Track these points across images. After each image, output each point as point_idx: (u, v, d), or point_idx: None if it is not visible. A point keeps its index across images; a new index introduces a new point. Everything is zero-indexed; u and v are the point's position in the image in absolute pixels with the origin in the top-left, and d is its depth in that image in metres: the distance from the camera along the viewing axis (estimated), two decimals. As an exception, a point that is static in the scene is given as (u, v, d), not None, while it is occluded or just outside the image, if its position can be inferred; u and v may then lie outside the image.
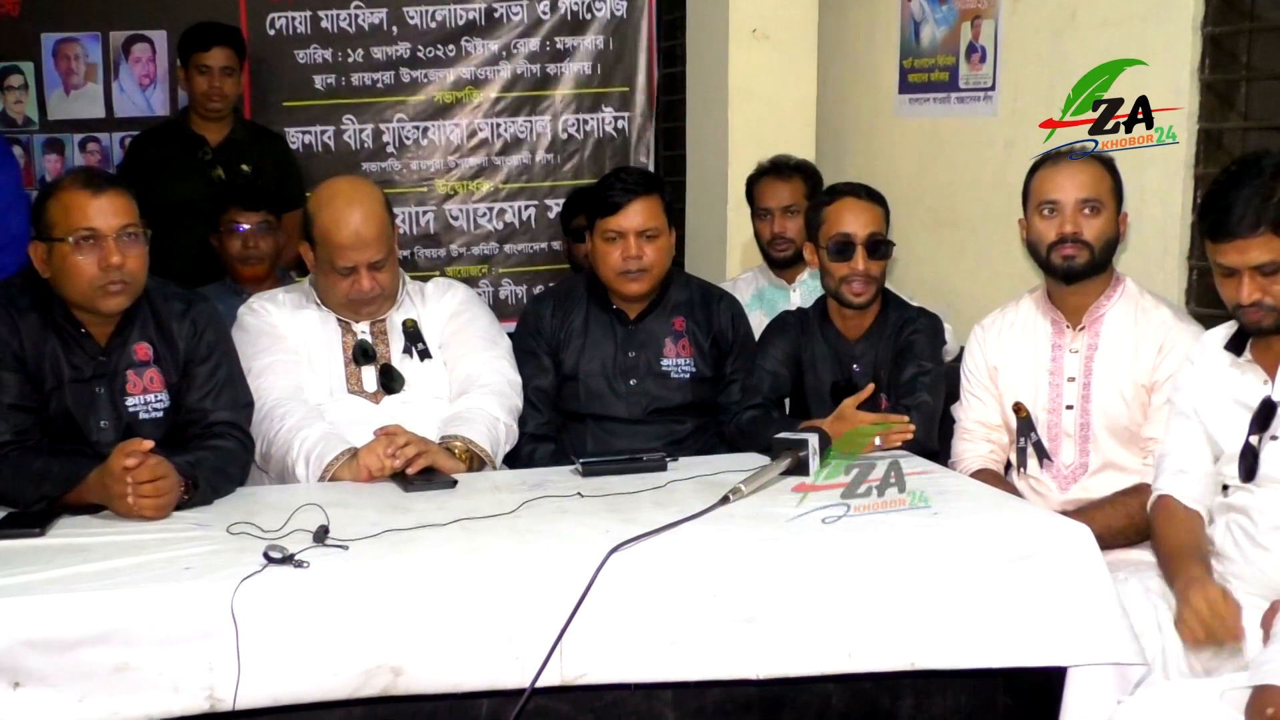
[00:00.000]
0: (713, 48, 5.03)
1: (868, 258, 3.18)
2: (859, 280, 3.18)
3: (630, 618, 2.21)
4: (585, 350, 3.35)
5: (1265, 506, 2.48)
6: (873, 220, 3.21)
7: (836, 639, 2.28)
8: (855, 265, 3.17)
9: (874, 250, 3.19)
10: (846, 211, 3.22)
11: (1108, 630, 2.34)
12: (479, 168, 5.10)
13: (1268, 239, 2.40)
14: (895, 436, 2.88)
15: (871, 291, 3.20)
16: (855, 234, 3.19)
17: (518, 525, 2.44)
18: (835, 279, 3.21)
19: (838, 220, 3.22)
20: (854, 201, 3.24)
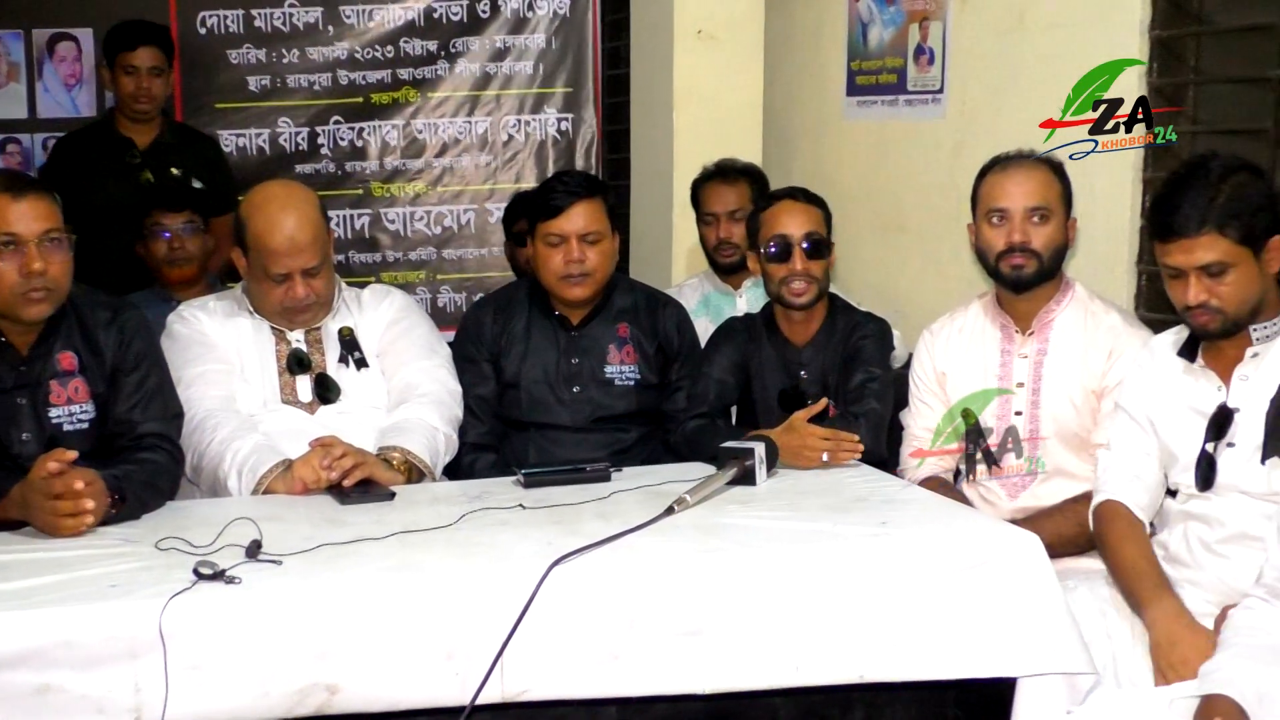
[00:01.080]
0: (657, 49, 5.04)
1: (806, 258, 3.19)
2: (799, 280, 3.20)
3: (573, 632, 2.21)
4: (527, 357, 3.34)
5: (1223, 515, 2.52)
6: (810, 220, 3.24)
7: (784, 652, 2.28)
8: (794, 265, 3.19)
9: (812, 250, 3.20)
10: (783, 213, 3.25)
11: (1057, 640, 2.36)
12: (417, 171, 5.09)
13: (1213, 239, 2.43)
14: (844, 455, 2.90)
15: (813, 292, 3.22)
16: (792, 234, 3.21)
17: (457, 538, 2.43)
18: (775, 282, 3.23)
19: (775, 223, 3.25)
20: (790, 203, 3.27)
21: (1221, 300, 2.47)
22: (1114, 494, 2.67)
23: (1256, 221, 2.44)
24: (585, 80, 5.15)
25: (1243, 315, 2.48)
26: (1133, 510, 2.64)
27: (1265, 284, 2.47)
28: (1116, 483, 2.67)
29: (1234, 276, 2.45)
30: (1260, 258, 2.46)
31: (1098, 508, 2.69)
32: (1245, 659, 2.15)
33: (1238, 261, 2.44)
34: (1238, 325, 2.49)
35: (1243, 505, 2.49)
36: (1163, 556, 2.62)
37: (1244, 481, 2.48)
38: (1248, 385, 2.50)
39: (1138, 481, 2.66)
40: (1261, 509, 2.44)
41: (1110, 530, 2.64)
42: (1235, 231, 2.43)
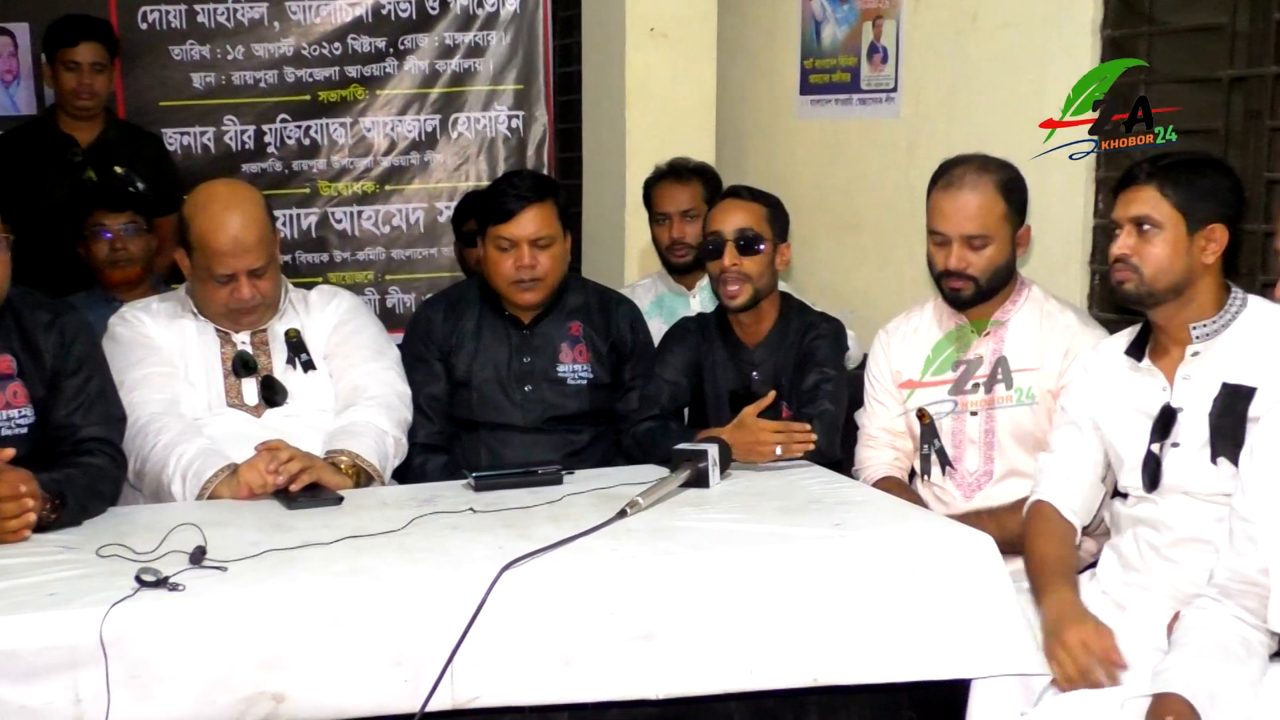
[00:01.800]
0: (609, 46, 5.04)
1: (736, 253, 3.19)
2: (731, 278, 3.20)
3: (524, 637, 2.20)
4: (478, 355, 3.33)
5: (1170, 519, 2.55)
6: (745, 217, 3.23)
7: (738, 655, 2.29)
8: (723, 262, 3.20)
9: (743, 246, 3.20)
10: (718, 212, 3.27)
11: (1011, 641, 2.38)
12: (366, 169, 5.06)
13: (1153, 194, 2.50)
14: (796, 446, 2.90)
15: (747, 291, 3.21)
16: (723, 230, 3.21)
17: (407, 543, 2.42)
18: (713, 279, 3.25)
19: (710, 222, 3.27)
20: (730, 202, 3.28)
21: (1142, 259, 2.51)
22: (1045, 495, 2.70)
23: (1201, 200, 2.50)
24: (536, 78, 5.14)
25: (1157, 286, 2.51)
26: (1061, 511, 2.67)
27: (1192, 268, 2.50)
28: (1049, 484, 2.71)
29: (1161, 240, 2.49)
30: (1193, 236, 2.49)
31: (1029, 507, 2.73)
32: (1197, 658, 2.17)
33: (1168, 226, 2.49)
34: (1152, 295, 2.52)
35: (1190, 508, 2.52)
36: (1117, 561, 2.65)
37: (1189, 482, 2.51)
38: (1190, 385, 2.54)
39: (1070, 484, 2.69)
40: (1209, 512, 2.47)
41: (1031, 527, 2.68)
42: (1175, 195, 2.49)
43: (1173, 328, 2.56)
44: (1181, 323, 2.54)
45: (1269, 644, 2.21)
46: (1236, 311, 2.54)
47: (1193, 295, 2.52)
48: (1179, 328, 2.55)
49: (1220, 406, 2.48)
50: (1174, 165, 2.52)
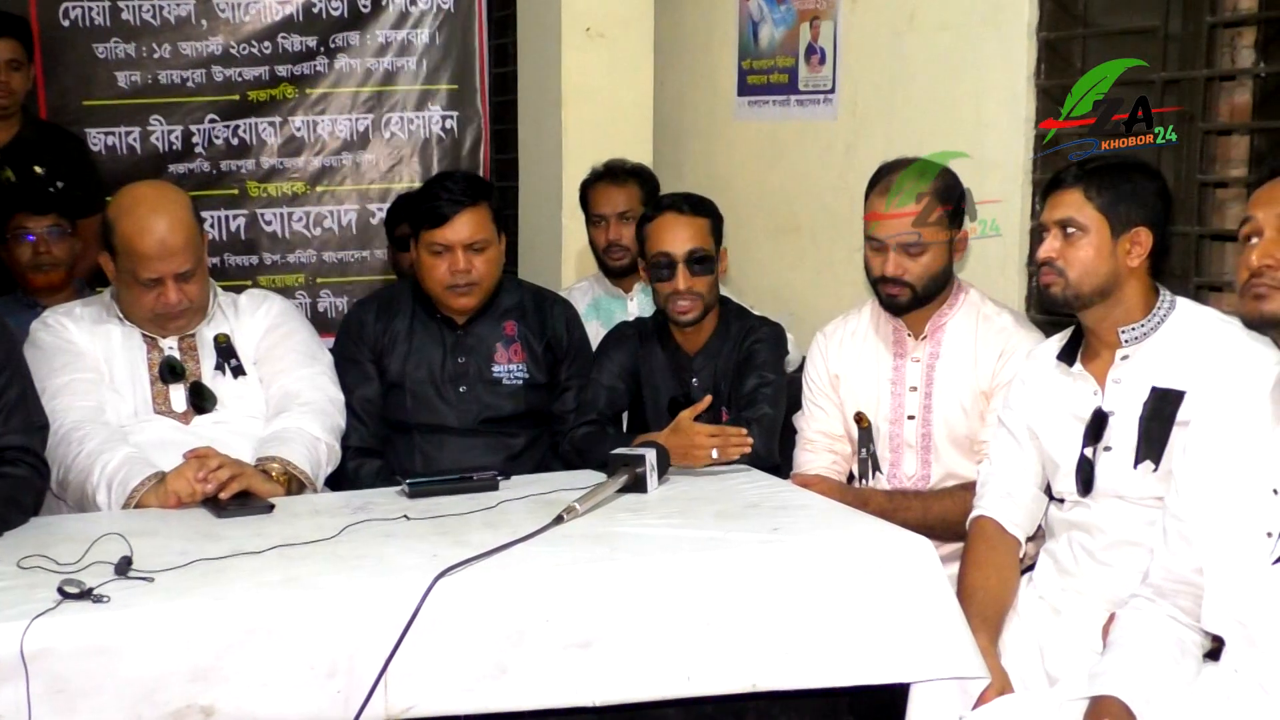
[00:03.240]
0: (545, 46, 5.04)
1: (689, 275, 3.21)
2: (683, 299, 3.22)
3: (460, 646, 2.20)
4: (411, 356, 3.33)
5: (1103, 523, 2.59)
6: (693, 235, 3.24)
7: (676, 662, 2.30)
8: (676, 284, 3.21)
9: (694, 267, 3.22)
10: (665, 230, 3.25)
11: (950, 645, 2.40)
12: (296, 170, 5.02)
13: (1078, 197, 2.55)
14: (733, 450, 2.92)
15: (699, 308, 3.24)
16: (673, 253, 3.22)
17: (339, 551, 2.41)
18: (661, 297, 3.26)
19: (657, 239, 3.25)
20: (673, 217, 3.26)
21: (1067, 263, 2.56)
22: (988, 510, 2.74)
23: (1125, 203, 2.55)
24: (471, 77, 5.13)
25: (1083, 290, 2.56)
26: (1005, 526, 2.71)
27: (1117, 271, 2.55)
28: (991, 499, 2.75)
29: (1085, 243, 2.54)
30: (1118, 239, 2.54)
31: (971, 523, 2.77)
32: (1132, 660, 2.21)
33: (1093, 229, 2.54)
34: (1078, 298, 2.56)
35: (1122, 511, 2.56)
36: (1052, 566, 2.70)
37: (1121, 486, 2.56)
38: (1121, 388, 2.58)
39: (1012, 498, 2.73)
40: (1142, 515, 2.52)
41: (972, 549, 2.72)
42: (1100, 199, 2.54)
43: (1102, 331, 2.61)
44: (1111, 326, 2.59)
45: (1203, 644, 2.25)
46: (1165, 314, 2.59)
47: (1120, 298, 2.57)
48: (1108, 331, 2.60)
49: (1149, 410, 2.53)
50: (1100, 169, 2.57)
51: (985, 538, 2.72)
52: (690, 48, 4.80)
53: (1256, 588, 2.09)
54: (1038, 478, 2.74)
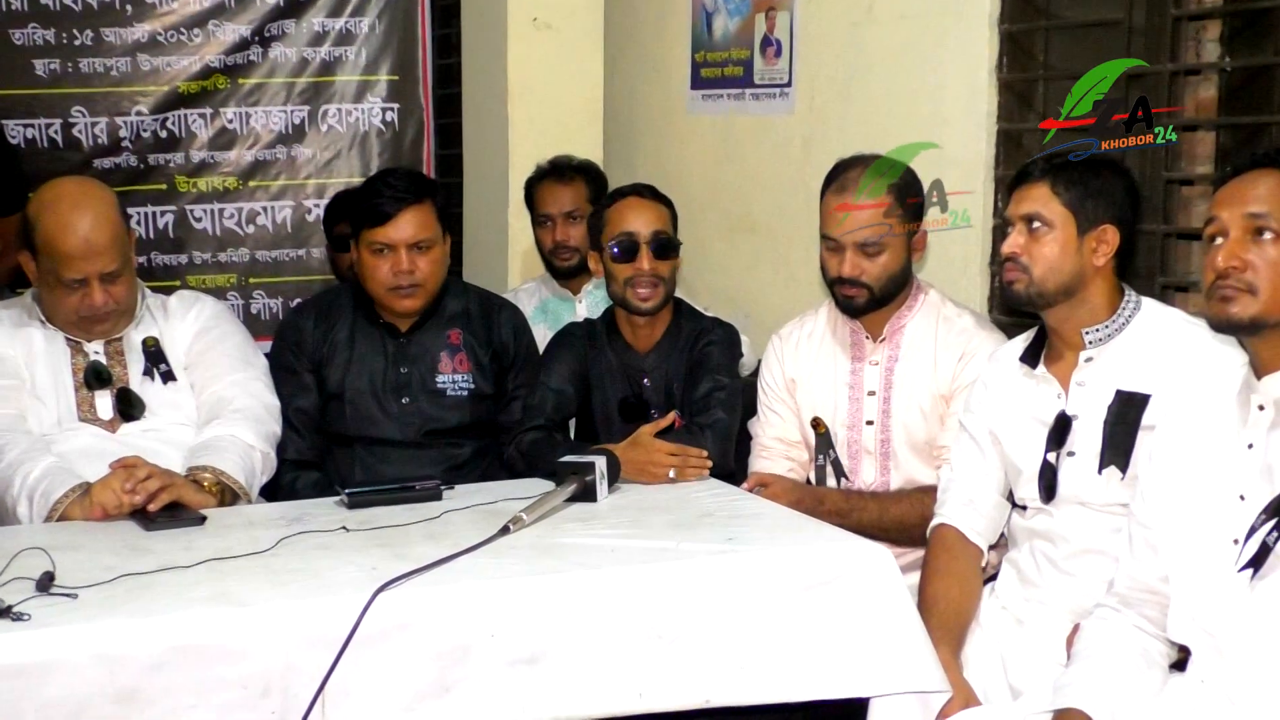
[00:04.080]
0: (490, 37, 5.04)
1: (653, 257, 3.22)
2: (645, 281, 3.22)
3: (400, 663, 2.20)
4: (351, 366, 3.31)
5: (1066, 531, 2.62)
6: (657, 219, 3.26)
7: (627, 677, 2.30)
8: (640, 265, 3.22)
9: (660, 250, 3.23)
10: (629, 210, 3.27)
11: (910, 657, 2.42)
12: (228, 164, 4.98)
13: (1044, 192, 2.58)
14: (690, 472, 2.93)
15: (660, 295, 3.25)
16: (639, 232, 3.23)
17: (274, 565, 2.40)
18: (620, 283, 3.25)
19: (620, 220, 3.26)
20: (637, 200, 3.29)
21: (1031, 259, 2.58)
22: (949, 518, 2.77)
23: (1093, 200, 2.57)
24: (413, 68, 5.10)
25: (1047, 287, 2.58)
26: (966, 535, 2.74)
27: (1083, 269, 2.58)
28: (953, 506, 2.77)
29: (1051, 239, 2.57)
30: (1084, 236, 2.57)
31: (932, 531, 2.79)
32: (1097, 672, 2.24)
33: (1058, 225, 2.57)
34: (1041, 296, 2.59)
35: (1086, 519, 2.59)
36: (1015, 576, 2.72)
37: (1085, 492, 2.59)
38: (1085, 391, 2.61)
39: (973, 505, 2.76)
40: (1105, 522, 2.55)
41: (933, 559, 2.75)
42: (1067, 194, 2.57)
43: (1066, 331, 2.63)
44: (1075, 326, 2.62)
45: (1168, 654, 2.29)
46: (1130, 315, 2.62)
47: (1085, 297, 2.60)
48: (1072, 331, 2.62)
49: (1114, 414, 2.55)
50: (1068, 164, 2.60)
51: (947, 547, 2.74)
52: (641, 39, 4.81)
53: (1223, 596, 2.12)
54: (1000, 484, 2.76)
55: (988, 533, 2.76)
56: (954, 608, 2.65)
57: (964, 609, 2.67)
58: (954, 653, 2.57)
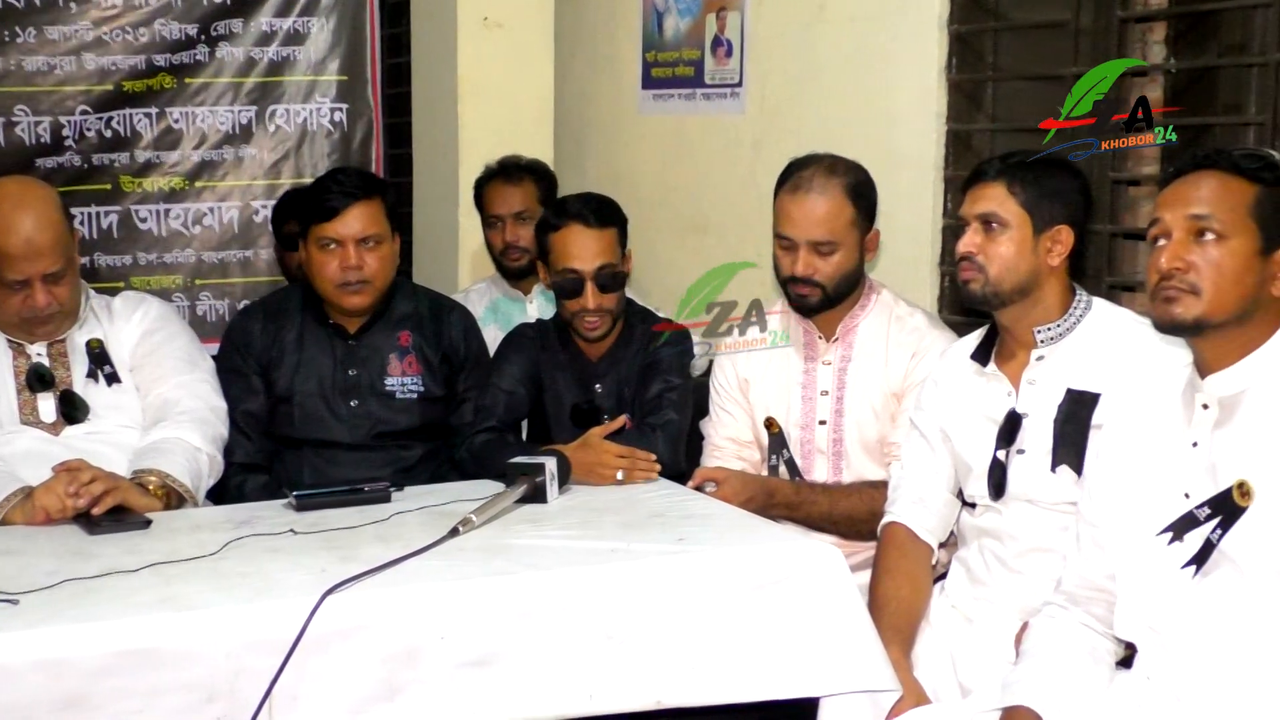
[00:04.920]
0: (440, 36, 5.03)
1: (599, 292, 3.23)
2: (591, 316, 3.24)
3: (349, 666, 2.19)
4: (300, 368, 3.31)
5: (1015, 529, 2.64)
6: (601, 250, 3.24)
7: (577, 679, 2.31)
8: (585, 303, 3.23)
9: (604, 285, 3.24)
10: (572, 244, 3.23)
11: (860, 657, 2.44)
12: (174, 164, 4.93)
13: (1001, 191, 2.60)
14: (639, 475, 2.94)
15: (606, 323, 3.26)
16: (581, 270, 3.22)
17: (221, 568, 2.39)
18: (567, 314, 3.27)
19: (564, 253, 3.24)
20: (581, 230, 3.24)
21: (987, 258, 2.60)
22: (899, 516, 2.79)
23: (1048, 200, 2.60)
24: (362, 68, 5.08)
25: (1002, 287, 2.60)
26: (917, 533, 2.76)
27: (1038, 269, 2.60)
28: (903, 504, 2.80)
29: (1007, 239, 2.59)
30: (1039, 236, 2.60)
31: (883, 529, 2.81)
32: (1045, 669, 2.26)
33: (1015, 225, 2.59)
34: (997, 296, 2.61)
35: (1035, 517, 2.62)
36: (964, 574, 2.75)
37: (1034, 490, 2.61)
38: (1035, 390, 2.64)
39: (924, 503, 2.78)
40: (1054, 521, 2.57)
41: (883, 557, 2.77)
42: (1023, 194, 2.59)
43: (1019, 330, 2.66)
44: (1027, 325, 2.64)
45: (1115, 651, 2.31)
46: (1081, 314, 2.65)
47: (1039, 297, 2.62)
48: (1025, 330, 2.65)
49: (1064, 413, 2.58)
50: (1023, 163, 2.62)
51: (897, 545, 2.76)
52: (592, 39, 4.82)
53: (1168, 593, 2.15)
54: (950, 482, 2.78)
55: (938, 530, 2.78)
56: (904, 607, 2.67)
57: (914, 608, 2.69)
58: (904, 652, 2.59)
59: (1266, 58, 2.92)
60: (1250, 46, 2.98)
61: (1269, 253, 2.11)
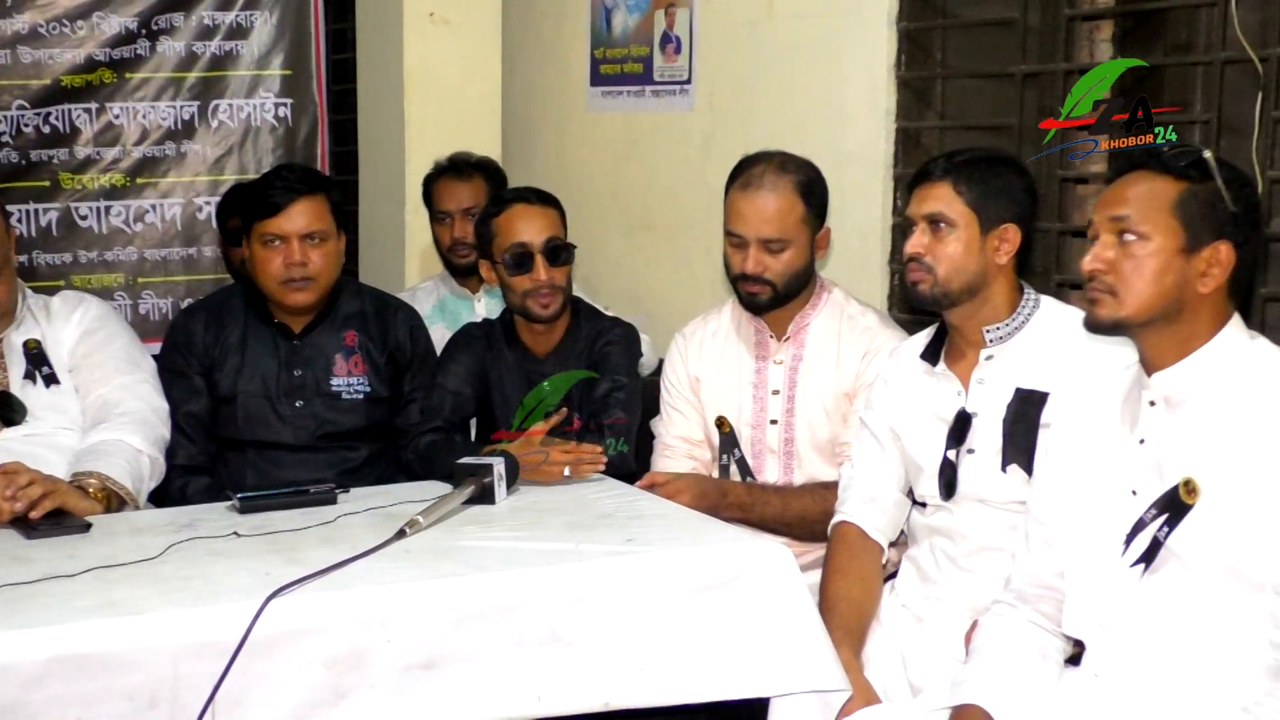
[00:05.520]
0: (386, 32, 5.01)
1: (549, 265, 3.23)
2: (544, 291, 3.23)
3: (294, 671, 2.18)
4: (244, 369, 3.29)
5: (965, 528, 2.67)
6: (548, 225, 3.27)
7: (525, 682, 2.30)
8: (537, 276, 3.22)
9: (554, 256, 3.24)
10: (518, 219, 3.26)
11: (810, 657, 2.45)
12: (115, 160, 4.90)
13: (947, 191, 2.61)
14: (586, 468, 2.94)
15: (559, 301, 3.25)
16: (531, 242, 3.23)
17: (163, 572, 2.36)
18: (518, 294, 3.25)
19: (510, 230, 3.26)
20: (524, 208, 3.28)
21: (935, 259, 2.62)
22: (849, 515, 2.80)
23: (994, 198, 2.62)
24: (306, 63, 5.06)
25: (951, 287, 2.62)
26: (867, 532, 2.78)
27: (986, 268, 2.62)
28: (854, 504, 2.81)
29: (954, 239, 2.61)
30: (987, 235, 2.62)
31: (833, 529, 2.83)
32: (994, 668, 2.28)
33: (962, 224, 2.61)
34: (946, 296, 2.63)
35: (985, 517, 2.64)
36: (915, 573, 2.77)
37: (984, 489, 2.64)
38: (985, 389, 2.66)
39: (874, 503, 2.79)
40: (1004, 520, 2.60)
41: (833, 557, 2.78)
42: (969, 193, 2.61)
43: (968, 329, 2.68)
44: (976, 325, 2.66)
45: (1064, 649, 2.33)
46: (1030, 313, 2.67)
47: (987, 296, 2.65)
48: (974, 330, 2.67)
49: (1013, 412, 2.61)
50: (969, 162, 2.64)
51: (848, 544, 2.77)
52: (540, 34, 4.81)
53: (1116, 591, 2.18)
54: (900, 481, 2.80)
55: (888, 530, 2.80)
56: (855, 607, 2.69)
57: (865, 608, 2.71)
58: (855, 652, 2.60)
59: (1211, 56, 2.96)
60: (1195, 45, 3.02)
61: (1194, 250, 2.12)
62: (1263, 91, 2.84)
